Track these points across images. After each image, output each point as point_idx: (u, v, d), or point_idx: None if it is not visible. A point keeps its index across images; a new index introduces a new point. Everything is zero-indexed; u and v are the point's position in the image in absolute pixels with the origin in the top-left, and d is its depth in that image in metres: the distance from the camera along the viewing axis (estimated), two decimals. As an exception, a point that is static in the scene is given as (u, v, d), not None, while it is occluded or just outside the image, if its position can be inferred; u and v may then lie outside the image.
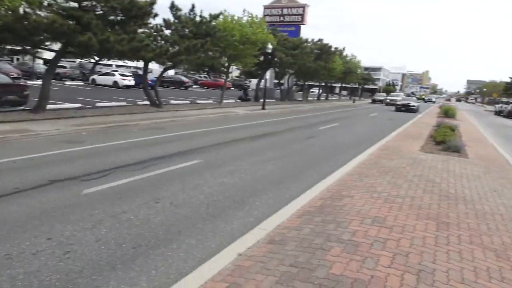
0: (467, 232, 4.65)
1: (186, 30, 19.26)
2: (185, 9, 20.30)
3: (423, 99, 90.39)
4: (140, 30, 16.73)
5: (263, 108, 24.83)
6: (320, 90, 54.17)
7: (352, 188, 6.43)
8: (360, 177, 7.34)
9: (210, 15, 21.08)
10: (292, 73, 39.18)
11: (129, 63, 48.53)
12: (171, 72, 50.74)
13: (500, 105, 47.58)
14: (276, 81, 42.60)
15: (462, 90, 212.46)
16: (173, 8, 19.35)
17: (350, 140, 13.51)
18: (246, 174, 7.78)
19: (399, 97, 52.20)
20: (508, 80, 64.85)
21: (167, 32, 19.25)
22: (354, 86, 67.24)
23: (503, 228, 4.97)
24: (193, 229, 4.84)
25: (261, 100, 28.88)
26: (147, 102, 20.67)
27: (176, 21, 19.27)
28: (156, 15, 15.88)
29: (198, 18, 20.45)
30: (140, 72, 31.21)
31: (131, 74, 37.64)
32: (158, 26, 18.62)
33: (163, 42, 18.63)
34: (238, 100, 31.92)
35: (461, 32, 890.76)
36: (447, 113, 26.31)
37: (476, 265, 3.74)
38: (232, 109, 23.98)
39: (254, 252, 3.93)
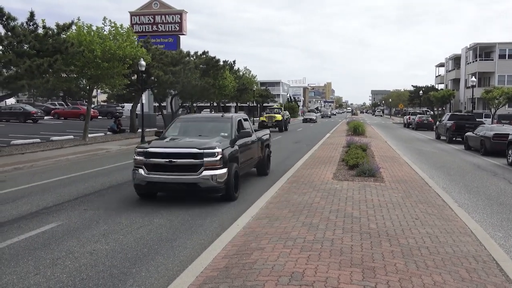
0: (396, 275, 4.95)
1: (25, 45, 17.95)
2: (21, 18, 19.01)
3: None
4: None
5: (142, 141, 24.16)
6: (213, 112, 55.08)
7: (262, 237, 6.45)
8: (270, 221, 7.43)
9: (58, 25, 20.07)
10: (175, 94, 39.13)
11: None
12: (10, 101, 46.78)
13: (407, 116, 54.29)
14: (157, 104, 42.08)
15: (368, 102, 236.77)
16: (3, 16, 17.76)
17: (254, 171, 13.77)
18: (126, 234, 7.34)
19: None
20: (411, 88, 74.23)
21: None
22: (251, 105, 69.79)
23: (431, 264, 5.42)
24: (53, 328, 4.28)
25: (140, 130, 28.16)
26: (-24, 146, 18.67)
27: (9, 34, 17.80)
28: None
29: (41, 30, 19.27)
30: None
31: None
32: None
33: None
34: (109, 133, 30.73)
35: (357, 41, 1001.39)
36: (356, 130, 28.73)
37: (411, 318, 3.96)
38: (101, 145, 22.87)
39: None
